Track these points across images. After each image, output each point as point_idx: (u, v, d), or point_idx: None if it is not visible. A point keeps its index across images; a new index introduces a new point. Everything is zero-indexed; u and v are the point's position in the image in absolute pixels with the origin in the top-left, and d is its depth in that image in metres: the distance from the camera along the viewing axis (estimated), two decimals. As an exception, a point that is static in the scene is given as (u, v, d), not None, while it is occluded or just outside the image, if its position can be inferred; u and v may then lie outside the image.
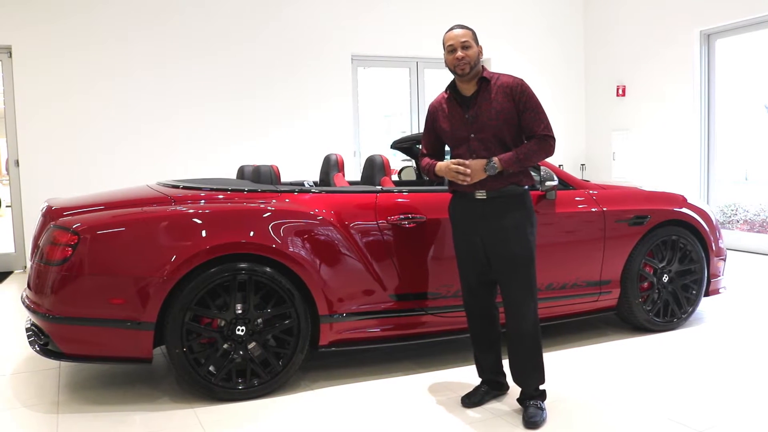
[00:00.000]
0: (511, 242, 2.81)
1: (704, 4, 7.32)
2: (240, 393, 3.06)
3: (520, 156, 2.78)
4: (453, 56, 2.82)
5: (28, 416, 2.96)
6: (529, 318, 2.84)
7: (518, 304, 2.84)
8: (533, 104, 2.83)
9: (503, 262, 2.84)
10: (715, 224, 4.28)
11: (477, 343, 3.05)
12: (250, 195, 3.36)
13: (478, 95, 2.85)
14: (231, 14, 7.21)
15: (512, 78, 2.87)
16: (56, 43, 6.56)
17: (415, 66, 8.31)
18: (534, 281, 2.86)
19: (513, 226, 2.82)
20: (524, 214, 2.85)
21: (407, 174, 5.27)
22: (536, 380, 2.87)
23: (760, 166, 7.78)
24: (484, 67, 2.91)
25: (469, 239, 2.92)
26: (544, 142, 2.82)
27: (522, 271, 2.82)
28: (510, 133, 2.83)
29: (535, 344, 2.86)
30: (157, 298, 2.92)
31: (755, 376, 3.30)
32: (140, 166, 6.76)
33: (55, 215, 3.24)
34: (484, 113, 2.82)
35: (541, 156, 2.83)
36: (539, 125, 2.82)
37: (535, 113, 2.83)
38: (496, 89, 2.83)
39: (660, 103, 7.96)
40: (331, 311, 3.20)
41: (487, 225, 2.85)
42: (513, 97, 2.81)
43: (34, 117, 6.52)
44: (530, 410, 2.81)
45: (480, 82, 2.86)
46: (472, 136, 2.84)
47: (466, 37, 2.84)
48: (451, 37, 2.86)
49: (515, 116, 2.82)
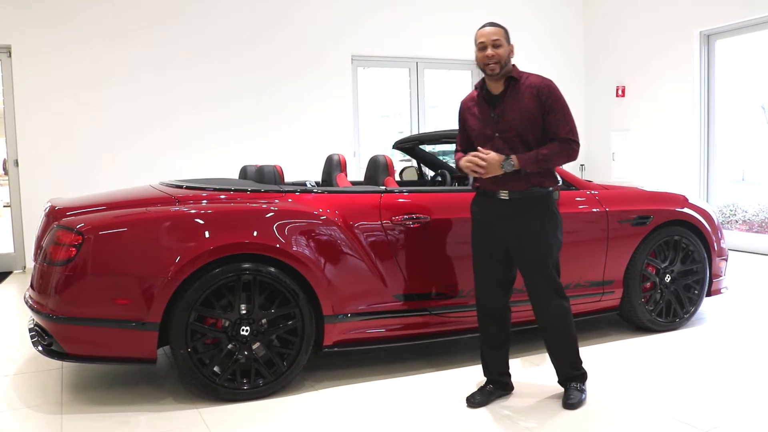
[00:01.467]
0: (533, 244, 2.84)
1: (704, 5, 7.34)
2: (244, 393, 3.06)
3: (540, 157, 2.78)
4: (483, 54, 2.82)
5: (32, 417, 2.95)
6: (556, 313, 2.91)
7: (543, 301, 2.92)
8: (559, 106, 2.82)
9: (525, 263, 2.89)
10: (716, 224, 4.29)
11: (486, 343, 3.06)
12: (254, 195, 3.36)
13: (506, 94, 2.85)
14: (231, 14, 7.21)
15: (541, 78, 2.86)
16: (56, 43, 6.55)
17: (414, 66, 8.32)
18: (557, 279, 2.91)
19: (535, 228, 2.84)
20: (547, 216, 2.87)
21: (409, 174, 5.27)
22: (572, 364, 2.98)
23: (758, 167, 7.81)
24: (515, 66, 2.90)
25: (491, 238, 2.93)
26: (567, 145, 2.81)
27: (544, 271, 2.87)
28: (534, 134, 2.83)
29: (566, 335, 2.94)
30: (161, 299, 2.91)
31: (758, 375, 3.31)
32: (140, 166, 6.75)
33: (58, 215, 3.23)
34: (510, 113, 2.82)
35: (562, 159, 2.83)
36: (563, 128, 2.81)
37: (561, 115, 2.82)
38: (523, 89, 2.82)
39: (660, 104, 7.98)
40: (335, 311, 3.20)
41: (510, 226, 2.86)
42: (539, 97, 2.80)
43: (33, 117, 6.51)
44: (570, 391, 2.94)
45: (509, 81, 2.85)
46: (497, 135, 2.85)
47: (497, 35, 2.83)
48: (482, 35, 2.85)
49: (540, 117, 2.82)
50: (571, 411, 2.89)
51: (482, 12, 8.36)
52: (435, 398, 3.09)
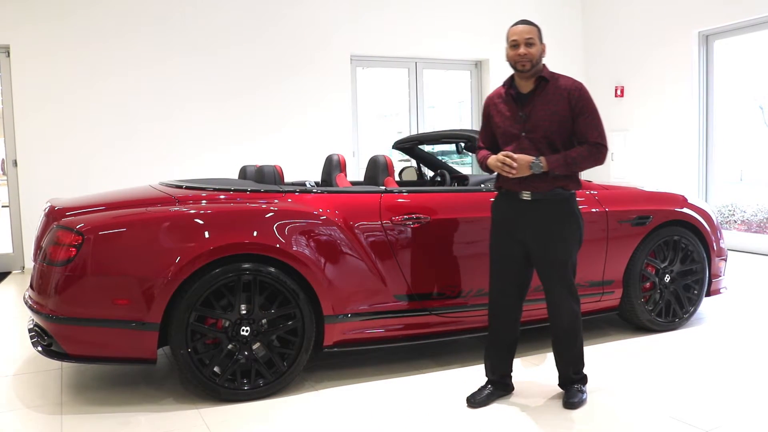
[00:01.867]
0: (553, 245, 2.85)
1: (702, 6, 7.35)
2: (245, 393, 3.06)
3: (569, 160, 2.78)
4: (515, 52, 2.82)
5: (32, 417, 2.94)
6: (568, 315, 2.92)
7: (558, 303, 2.93)
8: (590, 110, 2.82)
9: (545, 263, 2.89)
10: (716, 224, 4.30)
11: (493, 343, 3.06)
12: (254, 195, 3.35)
13: (535, 93, 2.84)
14: (230, 14, 7.20)
15: (572, 81, 2.86)
16: (55, 43, 6.53)
17: (414, 66, 8.32)
18: (572, 281, 2.93)
19: (557, 230, 2.85)
20: (569, 218, 2.87)
21: (408, 174, 5.26)
22: (576, 367, 3.00)
23: (755, 167, 7.82)
24: (545, 66, 2.89)
25: (510, 239, 2.93)
26: (596, 149, 2.81)
27: (560, 274, 2.88)
28: (561, 135, 2.82)
29: (575, 338, 2.96)
30: (161, 299, 2.91)
31: (758, 375, 3.31)
32: (139, 166, 6.74)
33: (57, 215, 3.22)
34: (539, 112, 2.81)
35: (590, 163, 2.82)
36: (593, 132, 2.81)
37: (591, 119, 2.82)
38: (554, 90, 2.82)
39: (658, 104, 7.99)
40: (335, 312, 3.20)
41: (532, 227, 2.86)
42: (570, 100, 2.80)
43: (32, 116, 6.49)
44: (570, 392, 2.96)
45: (539, 80, 2.84)
46: (523, 134, 2.84)
47: (530, 33, 2.83)
48: (515, 32, 2.85)
49: (570, 120, 2.81)
50: (572, 411, 2.90)
51: (481, 12, 8.38)
52: (435, 398, 3.09)
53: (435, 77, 8.65)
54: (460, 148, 4.39)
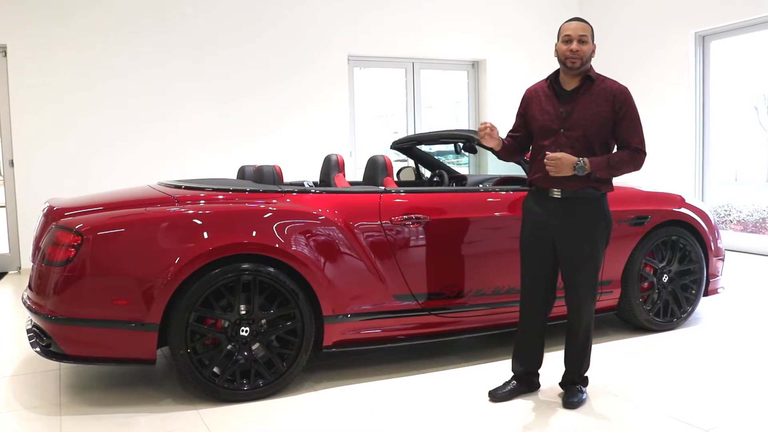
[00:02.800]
0: (580, 244, 2.86)
1: (699, 6, 7.37)
2: (244, 394, 3.05)
3: (612, 163, 2.79)
4: (567, 47, 2.82)
5: (30, 418, 2.93)
6: (587, 316, 2.94)
7: (579, 302, 2.93)
8: (633, 115, 2.83)
9: (571, 261, 2.90)
10: (713, 224, 4.31)
11: (522, 338, 3.07)
12: (253, 195, 3.35)
13: (579, 92, 2.84)
14: (228, 14, 7.19)
15: (618, 84, 2.87)
16: (52, 43, 6.52)
17: (411, 67, 8.32)
18: (596, 283, 2.94)
19: (585, 229, 2.86)
20: (599, 218, 2.88)
21: (406, 174, 5.26)
22: (582, 367, 3.02)
23: (750, 167, 7.85)
24: (592, 67, 2.90)
25: (539, 236, 2.94)
26: (637, 155, 2.83)
27: (587, 273, 2.89)
28: (600, 137, 2.83)
29: (587, 340, 2.99)
30: (161, 299, 2.90)
31: (757, 375, 3.32)
32: (136, 166, 6.73)
33: (56, 215, 3.21)
34: (581, 111, 2.82)
35: (630, 168, 2.83)
36: (635, 137, 2.83)
37: (634, 124, 2.83)
38: (598, 91, 2.82)
39: (655, 104, 8.00)
40: (335, 312, 3.20)
41: (562, 225, 2.87)
42: (614, 103, 2.81)
43: (28, 117, 6.48)
44: (571, 391, 2.98)
45: (585, 79, 2.85)
46: (562, 131, 2.84)
47: (584, 31, 2.84)
48: (569, 28, 2.86)
49: (611, 123, 2.82)
50: (571, 410, 2.90)
51: (478, 13, 8.39)
52: (435, 398, 3.09)
53: (432, 77, 8.66)
54: (458, 149, 4.39)
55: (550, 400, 3.04)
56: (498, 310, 3.58)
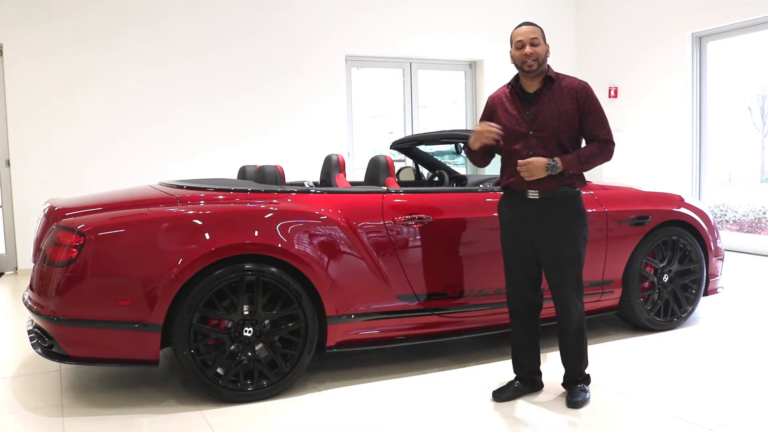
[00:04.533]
0: (561, 244, 2.88)
1: (696, 7, 7.40)
2: (248, 394, 3.04)
3: (582, 158, 2.83)
4: (521, 52, 2.85)
5: (33, 420, 2.91)
6: (576, 314, 2.95)
7: (566, 302, 2.94)
8: (597, 108, 2.88)
9: (553, 262, 2.91)
10: (713, 224, 4.33)
11: (517, 341, 3.08)
12: (255, 195, 3.34)
13: (542, 93, 2.87)
14: (225, 14, 7.17)
15: (578, 81, 2.91)
16: (49, 42, 6.48)
17: (408, 67, 8.32)
18: (581, 280, 2.96)
19: (564, 228, 2.88)
20: (576, 216, 2.91)
21: (405, 175, 5.26)
22: (581, 365, 3.02)
23: (744, 167, 7.89)
24: (550, 67, 2.93)
25: (519, 238, 2.96)
26: (605, 146, 2.87)
27: (570, 272, 2.91)
28: (569, 134, 2.87)
29: (580, 336, 2.99)
30: (164, 300, 2.89)
31: (759, 373, 3.34)
32: (132, 166, 6.71)
33: (57, 216, 3.19)
34: (547, 112, 2.85)
35: (600, 160, 2.87)
36: (602, 129, 2.88)
37: (599, 117, 2.88)
38: (561, 89, 2.86)
39: (652, 105, 8.04)
40: (338, 312, 3.19)
41: (540, 225, 2.89)
42: (578, 99, 2.85)
43: (25, 116, 6.44)
44: (574, 391, 2.98)
45: (545, 80, 2.88)
46: (531, 133, 2.86)
47: (535, 34, 2.87)
48: (520, 33, 2.89)
49: (576, 118, 2.86)
50: (576, 410, 2.91)
51: (476, 12, 8.40)
52: (439, 398, 3.09)
53: (429, 77, 8.66)
54: (459, 149, 4.40)
55: (553, 399, 3.04)
56: (500, 309, 3.56)
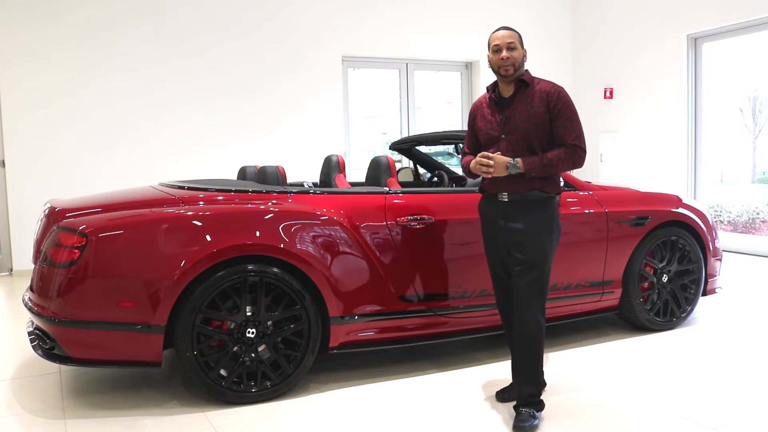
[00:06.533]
0: (524, 246, 2.80)
1: (691, 9, 7.44)
2: (251, 396, 3.03)
3: (545, 161, 2.76)
4: (498, 57, 2.84)
5: (34, 422, 2.89)
6: (530, 324, 2.78)
7: (522, 307, 2.80)
8: (568, 112, 2.81)
9: (515, 264, 2.84)
10: (711, 224, 4.35)
11: (509, 342, 3.04)
12: (256, 196, 3.33)
13: (515, 97, 2.85)
14: (222, 15, 7.15)
15: (552, 84, 2.87)
16: (43, 44, 6.44)
17: (404, 67, 8.33)
18: (543, 288, 2.82)
19: (529, 230, 2.80)
20: (543, 220, 2.82)
21: (404, 175, 5.26)
22: (529, 388, 2.80)
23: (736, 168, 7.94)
24: (528, 71, 2.91)
25: (493, 239, 2.95)
26: (573, 151, 2.78)
27: (530, 276, 2.78)
28: (539, 138, 2.81)
29: (537, 350, 2.80)
30: (167, 301, 2.87)
31: (759, 373, 3.35)
32: (128, 166, 6.68)
33: (58, 216, 3.17)
34: (518, 115, 2.82)
35: (567, 165, 2.79)
36: (570, 134, 2.79)
37: (568, 121, 2.80)
38: (534, 93, 2.82)
39: (647, 106, 8.07)
40: (341, 313, 3.18)
41: (507, 227, 2.86)
42: (548, 102, 2.80)
43: (20, 117, 6.40)
44: (522, 416, 2.73)
45: (519, 84, 2.86)
46: (503, 136, 2.85)
47: (512, 38, 2.85)
48: (497, 38, 2.87)
49: (547, 122, 2.81)
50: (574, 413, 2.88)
51: (473, 13, 8.41)
52: (440, 399, 3.09)
53: (425, 78, 8.67)
54: (459, 150, 4.40)
55: (555, 399, 3.04)
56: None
